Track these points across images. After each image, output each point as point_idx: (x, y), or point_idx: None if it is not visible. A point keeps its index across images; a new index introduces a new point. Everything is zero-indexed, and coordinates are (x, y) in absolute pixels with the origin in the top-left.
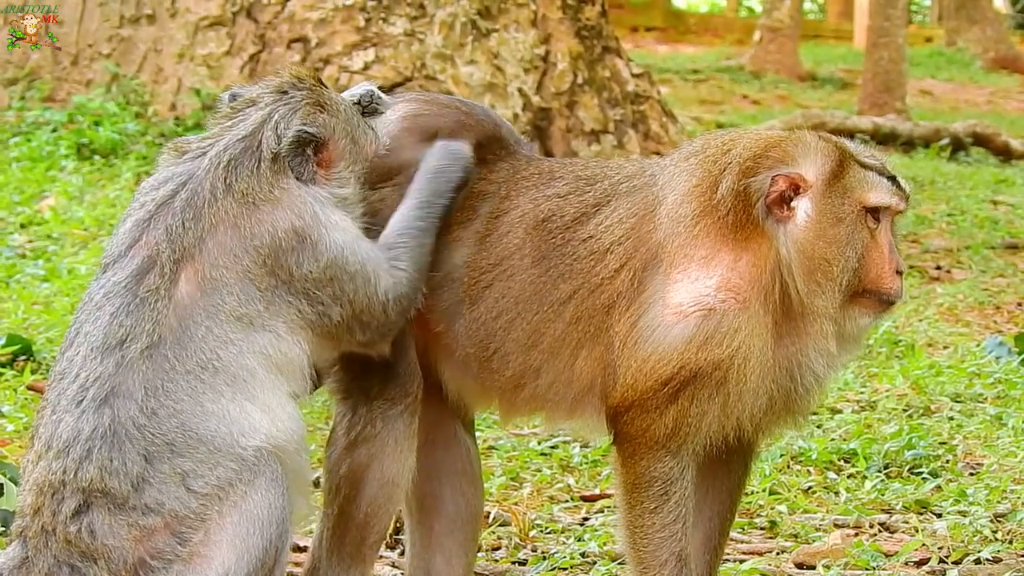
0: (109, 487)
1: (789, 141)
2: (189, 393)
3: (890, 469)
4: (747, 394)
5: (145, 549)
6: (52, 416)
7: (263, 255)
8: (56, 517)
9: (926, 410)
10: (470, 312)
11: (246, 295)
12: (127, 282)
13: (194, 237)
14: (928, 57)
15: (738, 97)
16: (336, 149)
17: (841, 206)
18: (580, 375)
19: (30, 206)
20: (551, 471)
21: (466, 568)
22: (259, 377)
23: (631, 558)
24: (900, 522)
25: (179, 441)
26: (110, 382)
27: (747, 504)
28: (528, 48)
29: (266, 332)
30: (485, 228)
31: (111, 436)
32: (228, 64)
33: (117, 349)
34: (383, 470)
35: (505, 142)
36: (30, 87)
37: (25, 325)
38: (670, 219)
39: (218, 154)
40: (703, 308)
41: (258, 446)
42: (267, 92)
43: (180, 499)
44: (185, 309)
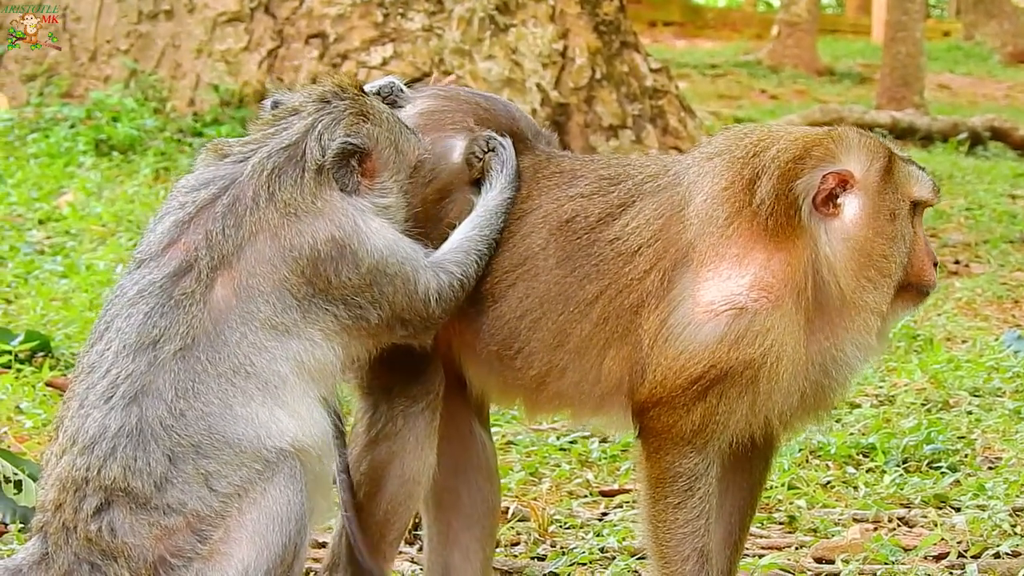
0: (132, 486)
1: (830, 138)
2: (219, 396)
3: (909, 463)
4: (777, 392)
5: (165, 547)
6: (80, 410)
7: (301, 266)
8: (77, 514)
9: (945, 404)
10: (493, 310)
11: (282, 304)
12: (163, 282)
13: (233, 245)
14: (946, 51)
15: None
16: (380, 159)
17: (895, 202)
18: (607, 374)
19: (48, 202)
20: (570, 466)
21: (484, 563)
22: (290, 383)
23: (653, 553)
24: (919, 516)
25: (205, 443)
26: (141, 380)
27: (766, 499)
28: (546, 43)
29: (302, 340)
30: (508, 228)
31: (137, 435)
32: (246, 60)
33: (150, 348)
34: (404, 468)
35: (524, 137)
36: (48, 83)
37: (44, 322)
38: (700, 220)
39: (261, 161)
40: (735, 307)
41: (281, 447)
42: (310, 101)
43: (202, 499)
44: (220, 314)
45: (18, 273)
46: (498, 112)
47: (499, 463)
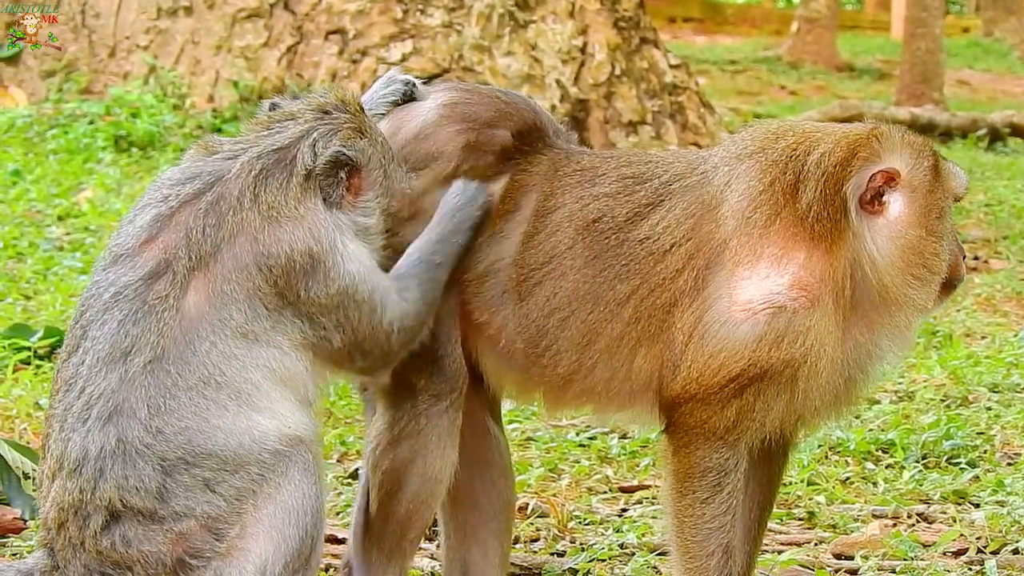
0: (131, 503)
1: (874, 137)
2: (193, 410)
3: (928, 459)
4: (815, 391)
5: (183, 549)
6: (61, 433)
7: (275, 275)
8: (83, 532)
9: (964, 400)
10: (518, 308)
11: (253, 312)
12: (138, 286)
13: (212, 245)
14: (966, 48)
15: (776, 88)
16: (368, 178)
17: (943, 199)
18: (638, 372)
19: (68, 198)
20: (589, 462)
21: (502, 558)
22: (264, 389)
23: (677, 548)
24: (938, 512)
25: (190, 457)
26: (113, 400)
27: (785, 495)
28: (566, 39)
29: (270, 347)
30: (532, 226)
31: (121, 454)
32: (266, 56)
33: (121, 362)
34: (426, 466)
35: (544, 133)
36: (67, 79)
37: (63, 318)
38: (736, 219)
39: (250, 161)
40: (774, 306)
41: (276, 448)
42: (308, 109)
43: (210, 502)
44: (191, 321)
45: (37, 269)
46: (520, 107)
47: (518, 459)
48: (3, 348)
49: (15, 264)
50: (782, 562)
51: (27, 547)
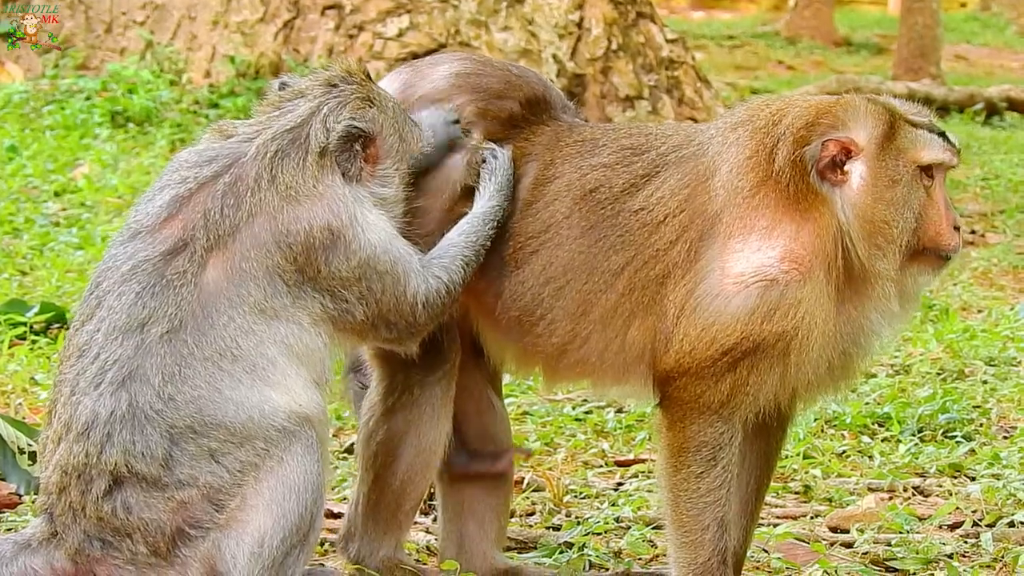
0: (136, 468)
1: (839, 106)
2: (206, 380)
3: (924, 433)
4: (807, 364)
5: (183, 519)
6: (71, 397)
7: (295, 252)
8: (85, 496)
9: (960, 374)
10: (514, 276)
11: (273, 289)
12: (156, 261)
13: (231, 225)
14: (963, 22)
15: (773, 63)
16: (384, 145)
17: (896, 167)
18: (631, 344)
19: (64, 174)
20: (585, 436)
21: (498, 532)
22: (279, 365)
23: (672, 522)
24: (934, 486)
25: (199, 426)
26: (128, 365)
27: (781, 468)
28: (562, 14)
29: (289, 323)
30: (530, 195)
31: (131, 419)
32: (262, 31)
33: (138, 331)
34: (420, 437)
35: (551, 106)
36: (64, 55)
37: (59, 293)
38: (726, 190)
39: (265, 143)
40: (765, 279)
41: (283, 424)
42: (316, 84)
43: (213, 472)
44: (210, 296)
45: (34, 245)
46: (530, 80)
47: (515, 433)
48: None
49: (11, 240)
50: (777, 535)
51: (22, 522)
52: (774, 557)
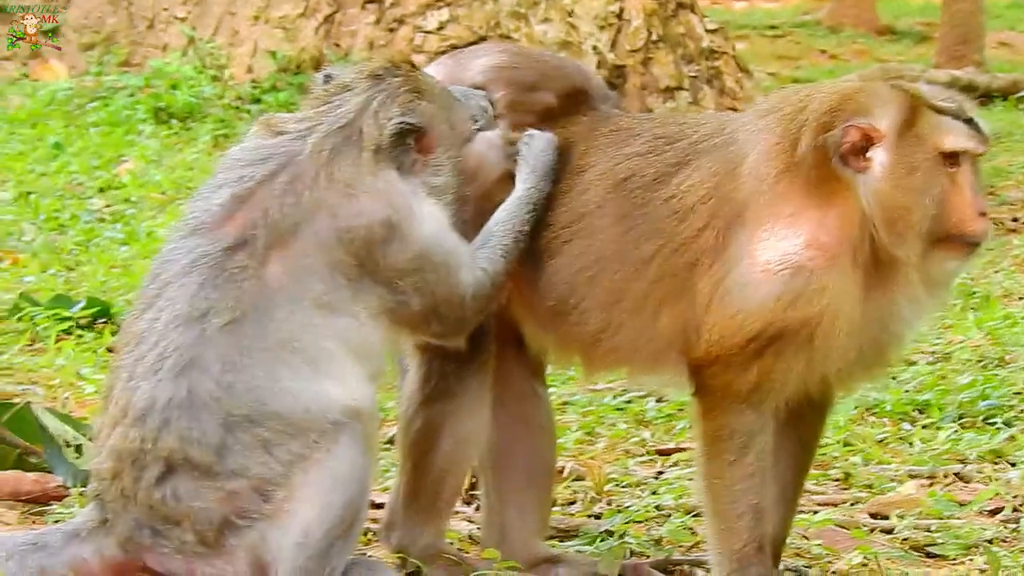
0: (191, 455)
1: (863, 92)
2: (266, 370)
3: (964, 420)
4: (835, 350)
5: (231, 509)
6: (129, 382)
7: (356, 247)
8: (138, 483)
9: (1001, 361)
10: (550, 266)
11: (334, 283)
12: (217, 255)
13: (292, 223)
14: (1007, 8)
15: (815, 52)
16: (435, 136)
17: (915, 154)
18: (662, 331)
19: (108, 170)
20: (626, 425)
21: (540, 521)
22: (337, 359)
23: (708, 510)
24: (974, 472)
25: (255, 415)
26: (188, 353)
27: (822, 456)
28: (602, 5)
29: (348, 317)
30: (565, 184)
31: (188, 406)
32: (303, 26)
33: (199, 321)
34: (457, 427)
35: (590, 96)
36: (107, 52)
37: (104, 288)
38: (753, 177)
39: (320, 141)
40: (791, 266)
41: (336, 418)
42: (362, 77)
43: (264, 464)
44: (271, 290)
45: (79, 241)
46: (567, 71)
47: (556, 423)
48: (46, 319)
49: (57, 236)
50: (818, 522)
51: (69, 513)
52: (814, 543)
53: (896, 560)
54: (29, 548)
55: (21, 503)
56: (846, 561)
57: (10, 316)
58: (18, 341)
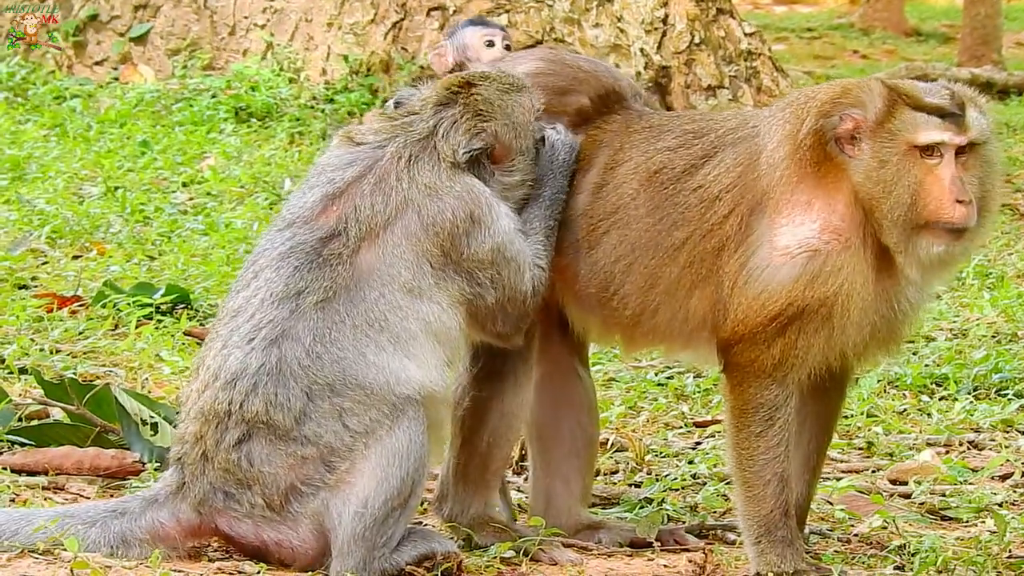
0: (273, 419)
1: (859, 87)
2: (354, 344)
3: (979, 391)
4: (850, 327)
5: (297, 475)
6: (223, 350)
7: (441, 238)
8: (219, 445)
9: (1014, 336)
10: (589, 256)
11: (420, 270)
12: (314, 243)
13: (382, 219)
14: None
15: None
16: (504, 146)
17: (887, 148)
18: (694, 312)
19: (192, 166)
20: (666, 400)
21: (584, 490)
22: (419, 340)
23: (737, 478)
24: (987, 440)
25: (338, 384)
26: (282, 325)
27: (846, 426)
28: (649, 11)
29: (431, 303)
30: (601, 179)
31: (277, 373)
32: (373, 32)
33: (294, 299)
34: (504, 404)
35: (622, 96)
36: (191, 57)
37: (184, 276)
38: (769, 165)
39: (398, 149)
40: (809, 250)
41: (408, 394)
42: (428, 104)
43: (336, 433)
44: (363, 274)
45: (162, 232)
46: (599, 74)
47: (601, 398)
48: (128, 305)
49: (142, 227)
50: (841, 488)
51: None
52: (837, 508)
53: (913, 523)
54: (111, 515)
55: (100, 478)
56: (867, 524)
57: (95, 303)
58: (102, 326)
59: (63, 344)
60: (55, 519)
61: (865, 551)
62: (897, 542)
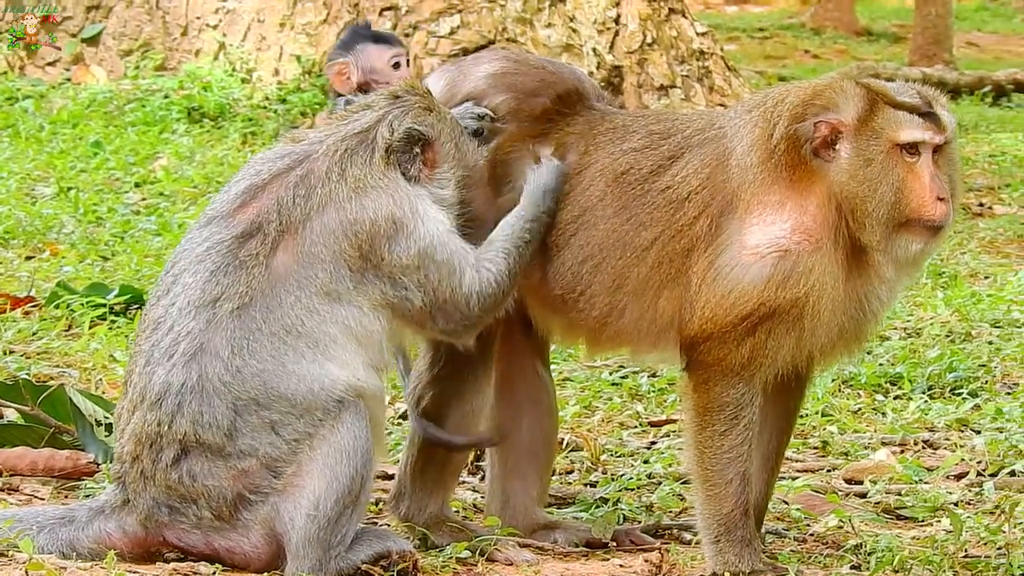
0: (203, 438)
1: (832, 88)
2: (272, 354)
3: (933, 390)
4: (820, 328)
5: (243, 485)
6: (146, 367)
7: (360, 239)
8: (156, 465)
9: (967, 335)
10: (557, 258)
11: (338, 273)
12: (230, 243)
13: (302, 213)
14: (974, 11)
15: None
16: (441, 151)
17: (871, 146)
18: (662, 313)
19: (144, 166)
20: (621, 399)
21: (541, 490)
22: (339, 343)
23: (698, 477)
24: (942, 439)
25: (262, 398)
26: (200, 338)
27: (801, 426)
28: (601, 11)
29: (351, 307)
30: (568, 183)
31: (199, 391)
32: (325, 32)
33: (210, 307)
34: (463, 403)
35: (585, 97)
36: (144, 57)
37: (138, 276)
38: (740, 168)
39: (335, 143)
40: (780, 249)
41: (340, 396)
42: (382, 97)
43: (272, 444)
44: (279, 277)
45: (115, 232)
46: (563, 75)
47: (557, 398)
48: (82, 306)
49: (95, 228)
50: (797, 487)
51: (100, 488)
52: (793, 508)
53: (868, 522)
54: (59, 522)
55: (54, 479)
56: (823, 524)
57: (48, 304)
58: (56, 327)
59: (16, 345)
60: (9, 520)
61: (821, 551)
62: (853, 541)
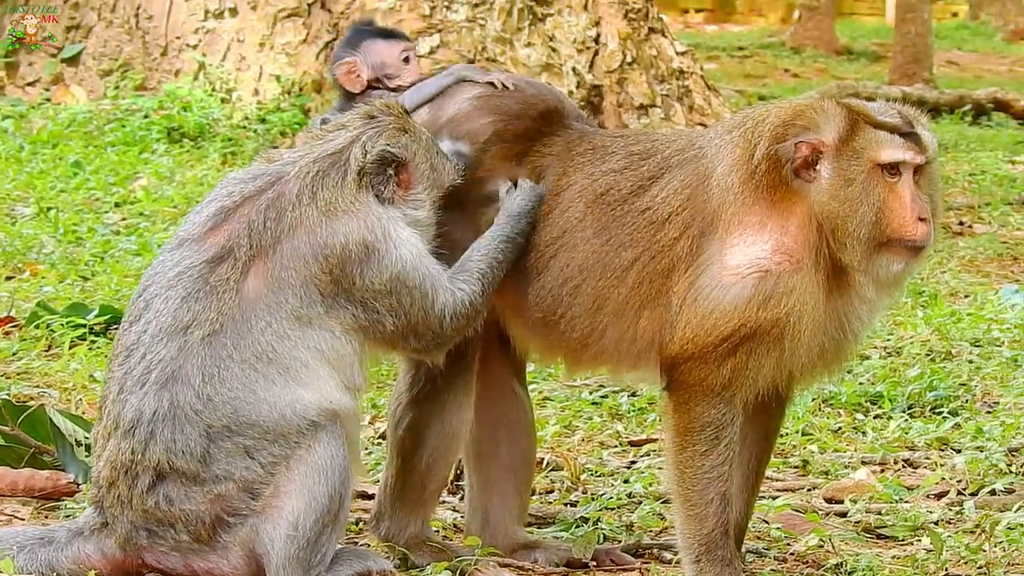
0: (177, 465)
1: (813, 109)
2: (243, 381)
3: (913, 409)
4: (801, 348)
5: (221, 508)
6: (119, 395)
7: (331, 263)
8: (132, 491)
9: (947, 354)
10: (537, 280)
11: (309, 298)
12: (201, 268)
13: (272, 236)
14: (954, 30)
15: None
16: (416, 172)
17: (852, 167)
18: (643, 333)
19: (124, 186)
20: (601, 419)
21: (520, 509)
22: (311, 367)
23: (678, 497)
24: (922, 458)
25: (234, 425)
26: (171, 366)
27: (781, 445)
28: (581, 31)
29: (322, 331)
30: (547, 205)
31: (171, 419)
32: (305, 52)
33: (182, 334)
34: (443, 424)
35: (564, 117)
36: (124, 77)
37: (118, 297)
38: (721, 189)
39: (307, 164)
40: (760, 270)
41: (314, 419)
42: (357, 117)
43: (248, 467)
44: (250, 303)
45: (95, 252)
46: (544, 95)
47: (535, 417)
48: (61, 326)
49: (74, 248)
50: (777, 507)
51: (79, 508)
52: (774, 527)
53: (849, 542)
54: (38, 542)
55: (35, 499)
56: (803, 543)
57: (28, 324)
58: (36, 347)
59: None
60: None
61: (802, 570)
62: (834, 560)
